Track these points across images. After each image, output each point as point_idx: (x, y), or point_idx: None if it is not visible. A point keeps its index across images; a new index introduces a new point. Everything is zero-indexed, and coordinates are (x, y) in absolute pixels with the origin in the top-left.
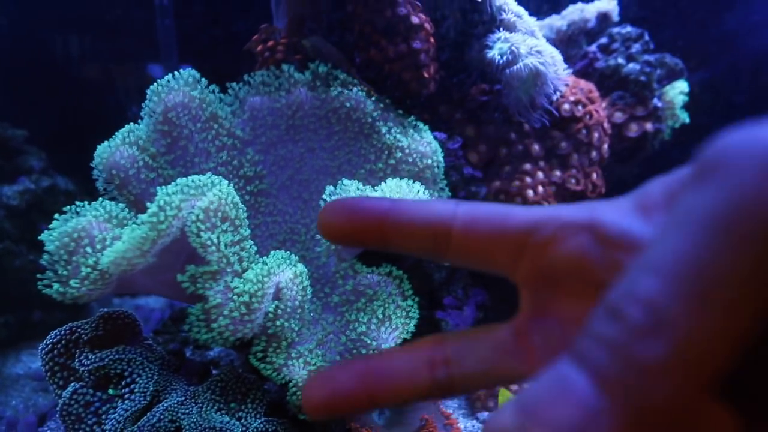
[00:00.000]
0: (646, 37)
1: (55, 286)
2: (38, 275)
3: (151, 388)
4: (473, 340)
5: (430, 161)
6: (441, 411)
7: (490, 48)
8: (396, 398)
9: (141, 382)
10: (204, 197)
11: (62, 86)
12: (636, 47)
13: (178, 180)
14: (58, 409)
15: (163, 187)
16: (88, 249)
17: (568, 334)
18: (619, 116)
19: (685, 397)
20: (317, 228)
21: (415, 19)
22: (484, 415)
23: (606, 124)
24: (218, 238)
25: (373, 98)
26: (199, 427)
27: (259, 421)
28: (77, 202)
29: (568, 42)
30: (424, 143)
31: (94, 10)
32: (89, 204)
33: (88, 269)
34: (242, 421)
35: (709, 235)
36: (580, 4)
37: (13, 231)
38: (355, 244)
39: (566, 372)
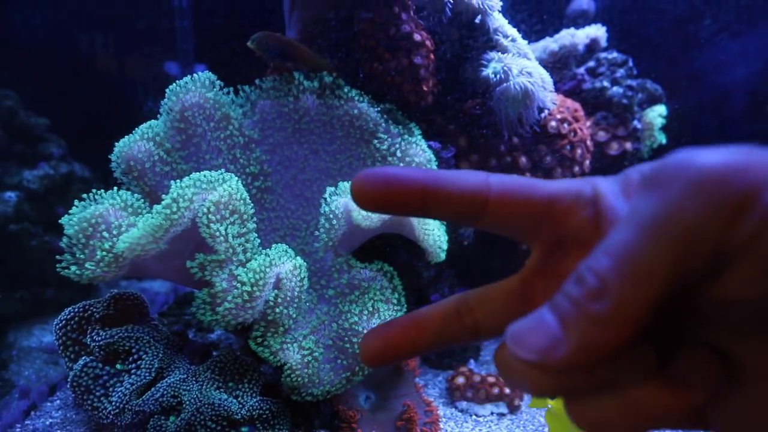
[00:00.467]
0: (630, 63)
1: (73, 267)
2: (57, 257)
3: (156, 365)
4: (490, 292)
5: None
6: (422, 398)
7: (485, 67)
8: (433, 344)
9: (147, 359)
10: (215, 191)
11: (84, 80)
12: (620, 72)
13: (192, 174)
14: (68, 380)
15: (178, 180)
16: (105, 234)
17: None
18: (602, 135)
19: (618, 338)
20: (352, 195)
21: (417, 37)
22: (463, 404)
23: (589, 142)
24: (226, 229)
25: (375, 107)
26: (199, 403)
27: (255, 400)
28: (95, 191)
29: (559, 63)
30: (419, 151)
31: (116, 10)
32: (107, 193)
33: (104, 253)
34: (239, 399)
35: (643, 232)
36: (572, 29)
37: (32, 213)
38: (391, 210)
39: (543, 314)
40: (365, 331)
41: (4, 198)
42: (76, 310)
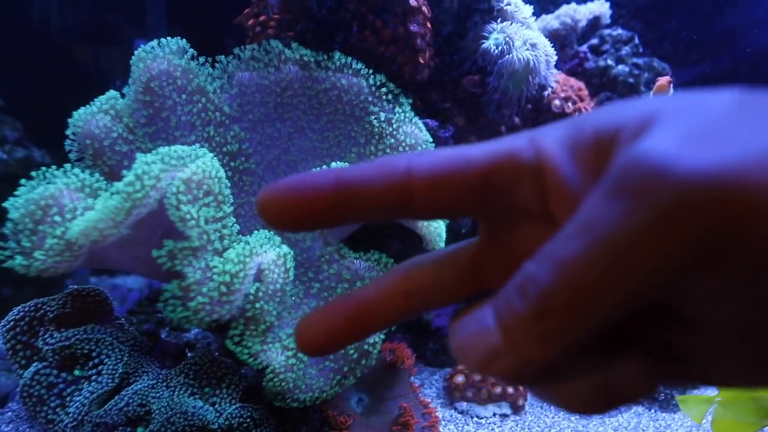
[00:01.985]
0: (636, 41)
1: (18, 258)
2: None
3: (120, 370)
4: (439, 269)
5: (421, 149)
6: (420, 400)
7: (486, 38)
8: (378, 329)
9: (110, 363)
10: (186, 168)
11: (44, 57)
12: (626, 50)
13: (159, 149)
14: (18, 389)
15: (143, 154)
16: (57, 218)
17: (516, 260)
18: None
19: (562, 357)
20: (260, 215)
21: (413, 2)
22: (462, 405)
23: None
24: (199, 212)
25: (366, 81)
26: (170, 412)
27: (234, 407)
28: (45, 169)
29: (560, 41)
30: (414, 130)
31: None
32: (59, 170)
33: (55, 240)
34: (216, 406)
35: (599, 254)
36: (573, 5)
37: None
38: (308, 227)
39: (486, 319)
40: None
41: None
42: (27, 309)
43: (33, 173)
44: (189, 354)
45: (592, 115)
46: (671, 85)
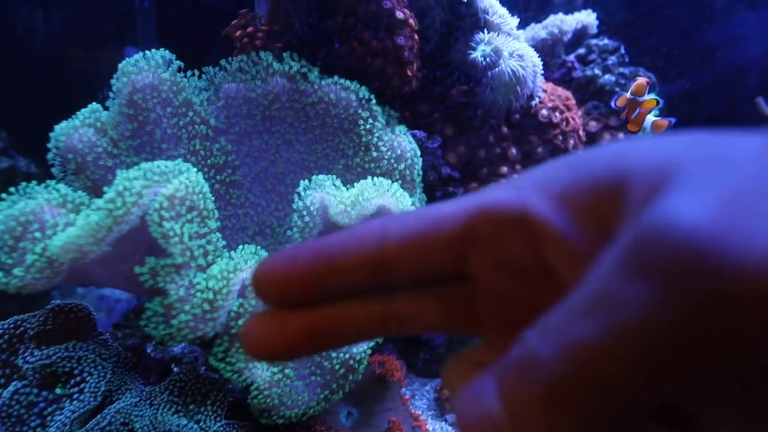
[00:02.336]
0: (622, 51)
1: None
2: None
3: (103, 388)
4: (424, 303)
5: (408, 160)
6: (410, 412)
7: (474, 49)
8: (336, 346)
9: (92, 381)
10: (169, 184)
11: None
12: (612, 59)
13: (142, 164)
14: None
15: (124, 170)
16: (37, 234)
17: (513, 312)
18: (593, 125)
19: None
20: (257, 294)
21: (399, 14)
22: (453, 416)
23: (581, 132)
24: (182, 228)
25: (354, 93)
26: (153, 430)
27: (219, 424)
28: (25, 184)
29: (547, 50)
30: (402, 142)
31: None
32: (40, 186)
33: (35, 256)
34: (201, 424)
35: (614, 341)
36: (560, 15)
37: None
38: (297, 300)
39: (487, 393)
40: (346, 347)
41: None
42: (6, 326)
43: (12, 189)
44: (174, 369)
45: (593, 159)
46: (649, 86)
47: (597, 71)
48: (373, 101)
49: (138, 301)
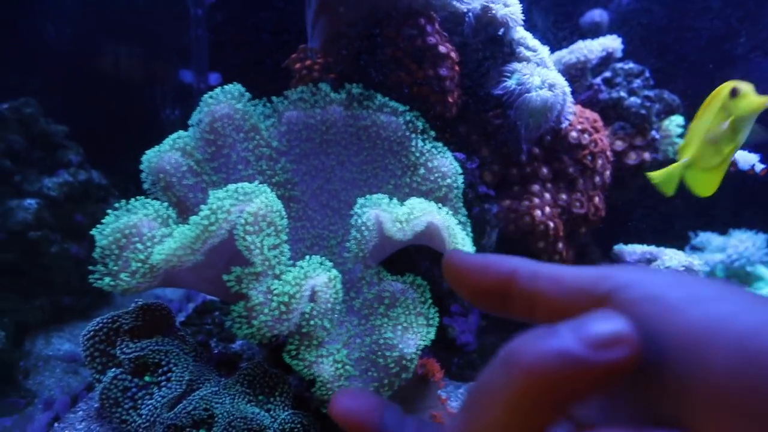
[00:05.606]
0: (647, 74)
1: (106, 279)
2: (90, 268)
3: (187, 378)
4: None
5: (450, 180)
6: (448, 412)
7: (508, 77)
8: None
9: (177, 371)
10: (252, 203)
11: (102, 88)
12: (637, 82)
13: (228, 186)
14: (97, 391)
15: (215, 191)
16: (139, 245)
17: None
18: (619, 145)
19: None
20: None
21: (442, 49)
22: None
23: (609, 152)
24: (262, 241)
25: (402, 118)
26: (232, 417)
27: (286, 413)
28: (125, 201)
29: (575, 74)
30: (446, 163)
31: (132, 19)
32: (138, 202)
33: (139, 264)
34: (271, 412)
35: None
36: (587, 40)
37: (51, 220)
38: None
39: None
40: (400, 345)
41: (24, 205)
42: (105, 321)
43: (116, 204)
44: (241, 365)
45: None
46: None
47: (623, 93)
48: (420, 125)
49: (188, 301)
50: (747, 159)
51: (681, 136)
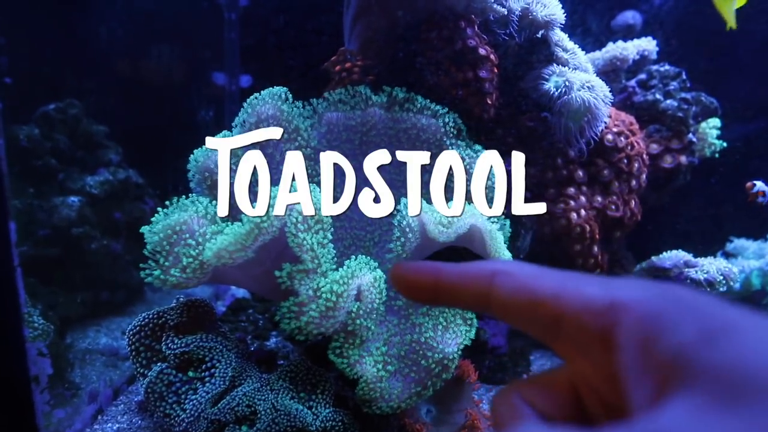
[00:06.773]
0: (684, 76)
1: (156, 272)
2: (141, 264)
3: (230, 374)
4: (540, 389)
5: (488, 182)
6: (482, 413)
7: (546, 80)
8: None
9: (221, 367)
10: (303, 201)
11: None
12: (674, 85)
13: (280, 185)
14: (140, 385)
15: (266, 189)
16: (190, 241)
17: (605, 387)
18: (654, 148)
19: None
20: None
21: (482, 51)
22: None
23: (645, 155)
24: (312, 239)
25: (442, 119)
26: (275, 413)
27: (328, 411)
28: (175, 198)
29: (609, 76)
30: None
31: (172, 22)
32: (188, 200)
33: (190, 259)
34: (312, 409)
35: None
36: (621, 42)
37: (92, 217)
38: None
39: None
40: (440, 345)
41: (68, 202)
42: (150, 316)
43: (167, 202)
44: (279, 362)
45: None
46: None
47: (658, 96)
48: (458, 126)
49: (216, 299)
50: None
51: (718, 138)
